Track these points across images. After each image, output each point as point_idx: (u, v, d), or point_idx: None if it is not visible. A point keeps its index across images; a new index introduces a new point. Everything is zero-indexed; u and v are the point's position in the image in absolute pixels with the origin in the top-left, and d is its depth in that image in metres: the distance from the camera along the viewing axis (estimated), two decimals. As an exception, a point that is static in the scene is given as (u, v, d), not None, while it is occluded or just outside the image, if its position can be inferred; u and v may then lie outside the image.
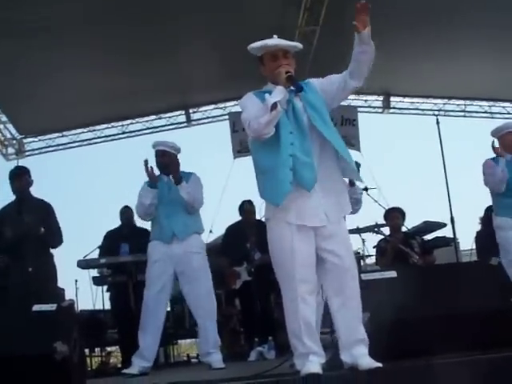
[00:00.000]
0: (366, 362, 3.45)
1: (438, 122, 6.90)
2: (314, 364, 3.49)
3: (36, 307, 3.93)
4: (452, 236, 7.17)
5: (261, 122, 3.53)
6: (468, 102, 12.47)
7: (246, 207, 7.74)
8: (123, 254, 6.90)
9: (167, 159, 5.77)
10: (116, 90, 10.17)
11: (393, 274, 3.97)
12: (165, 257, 5.60)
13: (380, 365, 3.40)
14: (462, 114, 12.54)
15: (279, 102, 3.52)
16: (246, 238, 7.58)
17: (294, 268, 3.55)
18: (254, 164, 3.82)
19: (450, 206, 6.72)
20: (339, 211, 3.67)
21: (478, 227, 7.93)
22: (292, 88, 3.62)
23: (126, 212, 7.49)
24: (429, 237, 8.31)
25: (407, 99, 12.42)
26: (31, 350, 3.68)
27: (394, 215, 7.34)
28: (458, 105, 12.50)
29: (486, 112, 12.56)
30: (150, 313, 5.52)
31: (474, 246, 8.30)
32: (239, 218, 7.86)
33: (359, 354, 3.50)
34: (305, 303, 3.55)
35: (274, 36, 3.84)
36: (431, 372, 3.33)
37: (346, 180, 4.17)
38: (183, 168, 5.84)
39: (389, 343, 3.56)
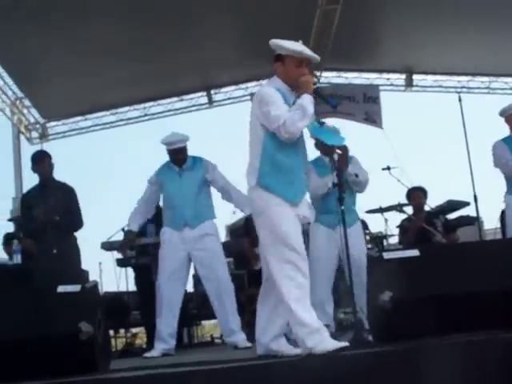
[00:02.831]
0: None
1: (460, 99, 6.82)
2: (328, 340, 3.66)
3: (61, 288, 3.95)
4: (475, 215, 7.10)
5: (299, 127, 3.79)
6: (493, 78, 12.28)
7: None
8: (149, 235, 6.91)
9: (183, 155, 5.88)
10: (138, 72, 10.17)
11: (415, 252, 3.95)
12: (177, 240, 5.68)
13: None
14: (487, 90, 12.36)
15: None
16: None
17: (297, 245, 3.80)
18: (264, 154, 3.94)
19: (473, 183, 6.65)
20: None
21: (503, 206, 7.86)
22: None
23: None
24: (452, 216, 8.27)
25: (430, 77, 12.26)
26: (56, 330, 3.71)
27: (417, 194, 7.30)
28: (482, 82, 12.31)
29: (511, 88, 12.37)
30: (163, 297, 5.59)
31: (499, 225, 8.25)
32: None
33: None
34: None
35: (300, 41, 4.06)
36: (454, 350, 3.33)
37: None
38: (201, 151, 5.97)
39: (410, 321, 3.55)
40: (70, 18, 8.32)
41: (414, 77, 12.30)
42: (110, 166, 24.79)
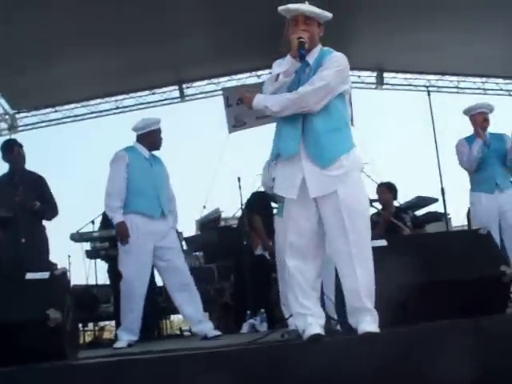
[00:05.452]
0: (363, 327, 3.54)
1: (428, 94, 6.93)
2: (313, 326, 3.58)
3: (29, 275, 3.93)
4: (443, 211, 7.21)
5: (267, 91, 3.74)
6: (461, 78, 12.46)
7: None
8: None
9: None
10: (109, 65, 10.14)
11: (383, 242, 4.00)
12: (147, 233, 5.55)
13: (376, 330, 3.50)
14: (455, 90, 12.53)
15: (284, 72, 3.64)
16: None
17: (286, 231, 3.72)
18: None
19: (441, 178, 6.77)
20: (324, 185, 3.66)
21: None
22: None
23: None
24: (421, 212, 8.37)
25: (400, 75, 12.41)
26: (24, 316, 3.69)
27: (382, 190, 7.41)
28: (451, 81, 12.48)
29: (479, 88, 12.55)
30: (131, 290, 5.49)
31: (466, 223, 8.37)
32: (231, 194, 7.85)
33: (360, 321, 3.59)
34: (292, 267, 3.68)
35: (306, 2, 3.85)
36: (418, 337, 3.40)
37: None
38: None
39: (378, 310, 3.60)
40: (40, 9, 8.25)
41: (385, 75, 12.42)
42: (79, 159, 24.67)
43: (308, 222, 3.68)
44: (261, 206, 7.37)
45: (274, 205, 7.80)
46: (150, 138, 5.83)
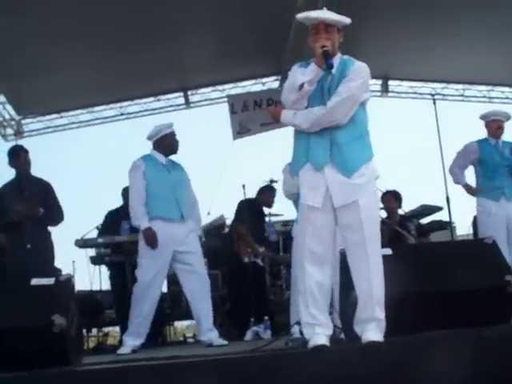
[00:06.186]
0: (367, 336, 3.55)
1: (434, 102, 6.94)
2: (320, 336, 3.60)
3: (34, 281, 3.95)
4: (448, 219, 7.20)
5: (289, 99, 3.76)
6: (467, 86, 12.45)
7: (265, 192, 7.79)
8: (124, 232, 6.85)
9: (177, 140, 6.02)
10: (114, 71, 10.14)
11: (388, 251, 4.00)
12: (167, 238, 5.60)
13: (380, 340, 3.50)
14: (461, 98, 12.52)
15: (309, 81, 3.64)
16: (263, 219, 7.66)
17: (304, 237, 3.72)
18: None
19: (446, 186, 6.75)
20: (347, 194, 3.68)
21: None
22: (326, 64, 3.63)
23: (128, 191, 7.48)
24: (426, 220, 8.37)
25: (406, 83, 12.39)
26: (29, 322, 3.70)
27: (388, 198, 7.42)
28: (456, 89, 12.46)
29: (484, 97, 12.54)
30: (144, 294, 5.53)
31: (471, 231, 8.36)
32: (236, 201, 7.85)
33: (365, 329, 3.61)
34: (309, 274, 3.68)
35: (324, 8, 3.89)
36: (423, 347, 3.39)
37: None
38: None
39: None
40: (45, 15, 8.28)
41: (390, 83, 12.42)
42: (84, 165, 24.73)
43: (327, 229, 3.73)
44: (247, 213, 7.42)
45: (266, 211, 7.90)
46: (164, 142, 5.90)
